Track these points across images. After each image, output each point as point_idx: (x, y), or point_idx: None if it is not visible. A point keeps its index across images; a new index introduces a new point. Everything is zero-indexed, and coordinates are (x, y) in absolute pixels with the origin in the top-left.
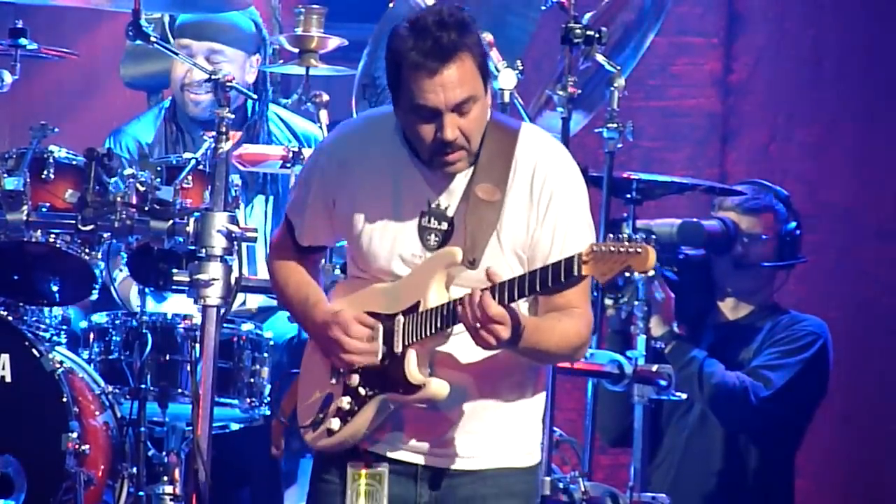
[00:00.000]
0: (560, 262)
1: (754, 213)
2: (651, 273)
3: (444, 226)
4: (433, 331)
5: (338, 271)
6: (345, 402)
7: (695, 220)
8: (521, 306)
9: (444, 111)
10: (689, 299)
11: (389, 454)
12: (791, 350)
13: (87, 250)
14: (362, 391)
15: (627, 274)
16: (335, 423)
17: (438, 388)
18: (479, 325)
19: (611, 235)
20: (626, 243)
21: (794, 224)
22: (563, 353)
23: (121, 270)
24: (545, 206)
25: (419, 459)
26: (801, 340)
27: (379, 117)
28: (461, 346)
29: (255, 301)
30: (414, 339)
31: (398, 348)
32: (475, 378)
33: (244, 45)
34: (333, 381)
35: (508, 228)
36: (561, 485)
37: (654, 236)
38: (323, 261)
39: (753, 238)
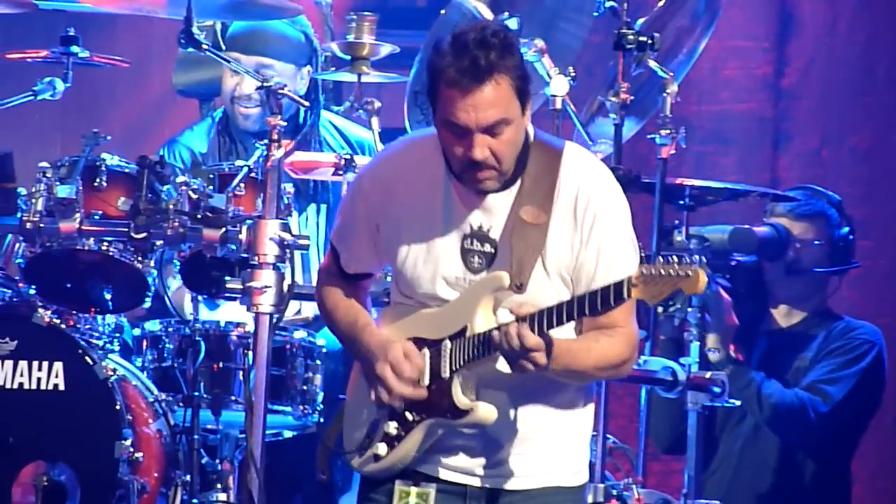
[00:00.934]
0: (609, 287)
1: (806, 218)
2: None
3: (488, 248)
4: (480, 356)
5: (389, 277)
6: (392, 427)
7: (746, 226)
8: (565, 331)
9: (475, 130)
10: (742, 306)
11: (438, 475)
12: (847, 361)
13: (139, 258)
14: (409, 416)
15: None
16: (382, 449)
17: (486, 412)
18: (516, 355)
19: (660, 258)
20: (677, 266)
21: (846, 229)
22: (601, 373)
23: (175, 279)
24: (589, 228)
25: (468, 480)
26: (856, 350)
27: (420, 140)
28: (508, 369)
29: (310, 309)
30: (461, 364)
31: (445, 373)
32: (522, 399)
33: (294, 58)
34: (380, 406)
35: (553, 251)
36: (614, 492)
37: (707, 245)
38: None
39: (806, 244)
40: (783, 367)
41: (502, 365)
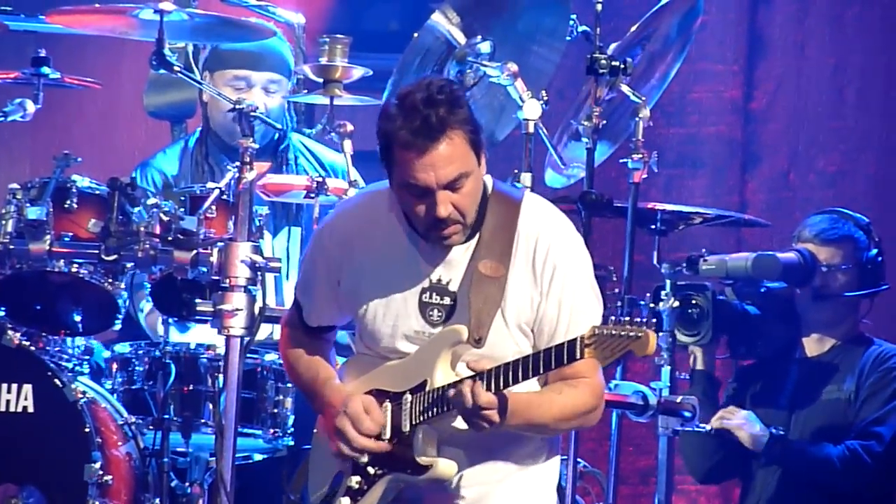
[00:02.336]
0: (563, 345)
1: (833, 242)
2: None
3: (448, 301)
4: (439, 411)
5: None
6: (354, 481)
7: (770, 252)
8: (529, 384)
9: (436, 189)
10: (774, 333)
11: None
12: (890, 394)
13: (110, 280)
14: (371, 470)
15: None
16: (345, 502)
17: (446, 468)
18: (470, 413)
19: (612, 318)
20: (627, 327)
21: (875, 251)
22: (565, 424)
23: (147, 301)
24: (549, 279)
25: None
26: (894, 382)
27: (375, 193)
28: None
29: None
30: (421, 419)
31: (406, 428)
32: (485, 454)
33: (289, 73)
34: (342, 460)
35: (513, 304)
36: None
37: (654, 319)
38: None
39: (833, 268)
40: (815, 395)
41: (462, 421)
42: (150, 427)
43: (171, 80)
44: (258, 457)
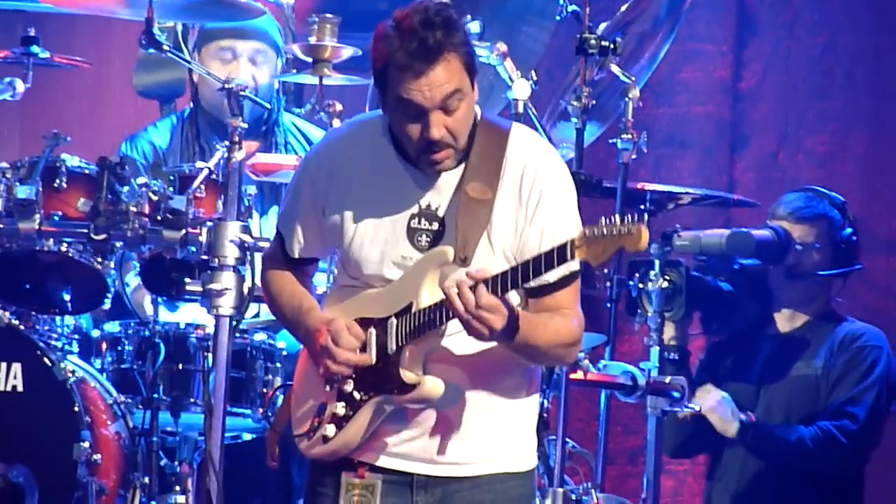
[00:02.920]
0: (553, 250)
1: (808, 221)
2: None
3: (436, 226)
4: (426, 329)
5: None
6: (339, 407)
7: (744, 229)
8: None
9: (430, 110)
10: (746, 310)
11: (384, 464)
12: (861, 374)
13: (99, 259)
14: (357, 396)
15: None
16: (330, 430)
17: (433, 386)
18: (471, 315)
19: (603, 219)
20: (618, 225)
21: (849, 230)
22: (555, 350)
23: (135, 277)
24: (534, 206)
25: (414, 468)
26: (866, 360)
27: (366, 121)
28: (455, 348)
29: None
30: (407, 339)
31: (392, 349)
32: (470, 381)
33: (277, 49)
34: (328, 388)
35: (498, 228)
36: (573, 496)
37: (647, 216)
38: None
39: (807, 247)
40: (786, 371)
41: (449, 346)
42: (140, 406)
43: (161, 59)
44: (247, 436)
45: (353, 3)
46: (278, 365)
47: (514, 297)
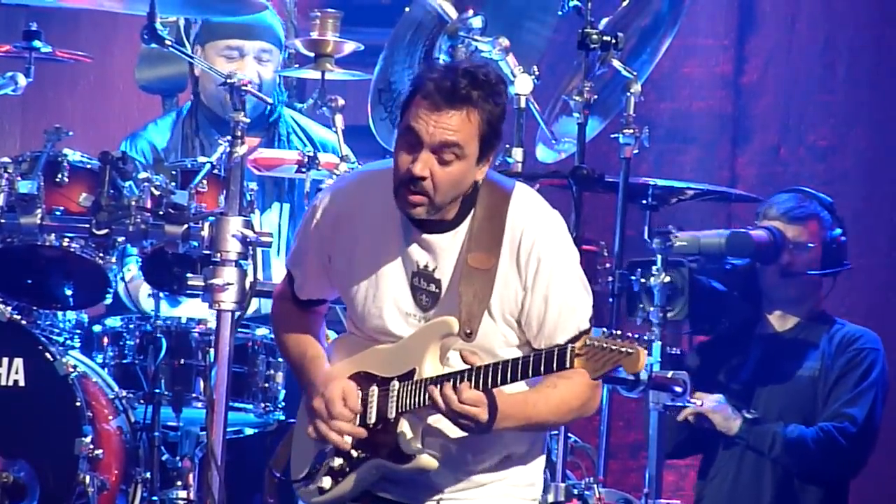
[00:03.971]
0: (553, 352)
1: (799, 221)
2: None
3: (433, 287)
4: (425, 402)
5: None
6: (337, 462)
7: (743, 230)
8: (519, 386)
9: (425, 146)
10: (737, 310)
11: (387, 496)
12: (860, 376)
13: (101, 254)
14: (354, 453)
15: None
16: (326, 482)
17: (427, 462)
18: (453, 412)
19: (604, 331)
20: (619, 342)
21: (838, 231)
22: (564, 418)
23: (129, 270)
24: (533, 273)
25: (416, 500)
26: (864, 362)
27: (375, 173)
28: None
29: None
30: (406, 409)
31: (391, 415)
32: (469, 450)
33: (280, 45)
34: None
35: (499, 297)
36: (575, 491)
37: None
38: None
39: (799, 246)
40: (778, 371)
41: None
42: (141, 401)
43: (163, 54)
44: (249, 431)
45: None
46: (280, 360)
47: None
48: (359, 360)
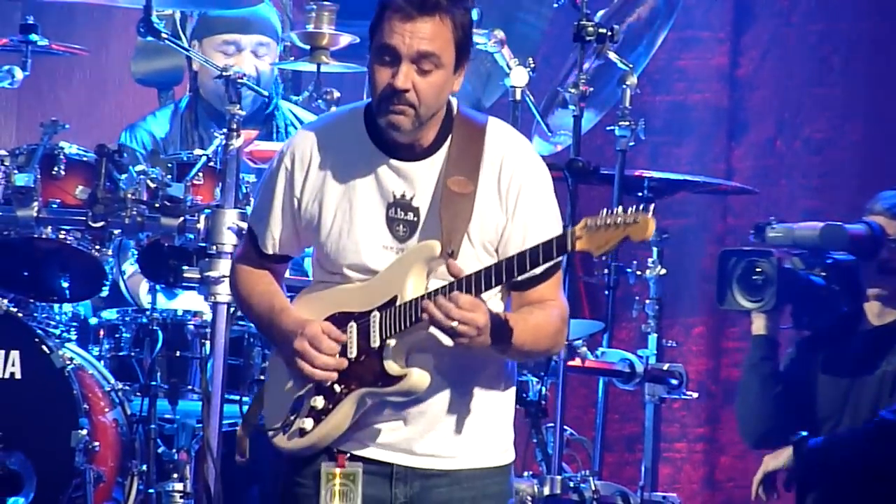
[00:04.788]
0: (551, 241)
1: None
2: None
3: (411, 216)
4: (412, 322)
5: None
6: (318, 401)
7: (838, 223)
8: (495, 305)
9: (404, 58)
10: (838, 304)
11: (362, 454)
12: None
13: (97, 247)
14: (337, 388)
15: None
16: (308, 423)
17: (420, 378)
18: (453, 319)
19: (604, 210)
20: (623, 214)
21: None
22: (539, 345)
23: (132, 265)
24: (514, 201)
25: (393, 458)
26: None
27: (338, 114)
28: (435, 342)
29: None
30: (392, 332)
31: (375, 343)
32: (449, 374)
33: (278, 38)
34: (303, 383)
35: (478, 223)
36: (571, 483)
37: (652, 206)
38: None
39: None
40: (876, 367)
41: (429, 341)
42: (137, 394)
43: (159, 47)
44: None
45: None
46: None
47: (495, 303)
48: (330, 302)
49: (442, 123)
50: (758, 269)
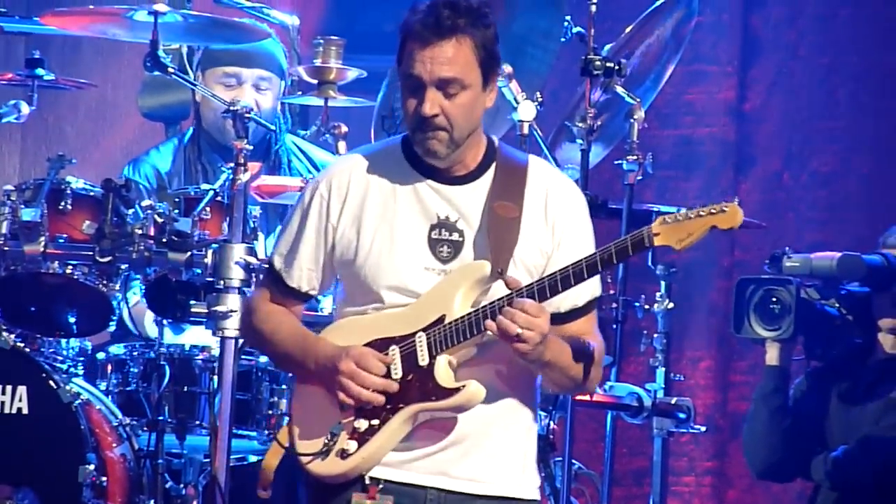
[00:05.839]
0: (625, 239)
1: None
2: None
3: (456, 236)
4: (462, 337)
5: None
6: (361, 423)
7: (856, 254)
8: None
9: (428, 85)
10: (850, 335)
11: (397, 477)
12: None
13: (104, 282)
14: (381, 410)
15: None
16: (352, 445)
17: (478, 390)
18: (520, 326)
19: (682, 208)
20: (708, 205)
21: None
22: (579, 373)
23: (133, 296)
24: (561, 231)
25: (429, 482)
26: None
27: (380, 144)
28: (479, 365)
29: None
30: (441, 350)
31: (424, 361)
32: (488, 399)
33: (281, 73)
34: (344, 407)
35: (523, 247)
36: None
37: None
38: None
39: None
40: (885, 395)
41: (469, 365)
42: (145, 428)
43: (167, 81)
44: (253, 458)
45: (358, 24)
46: (284, 387)
47: None
48: (367, 330)
49: (485, 152)
50: (774, 299)
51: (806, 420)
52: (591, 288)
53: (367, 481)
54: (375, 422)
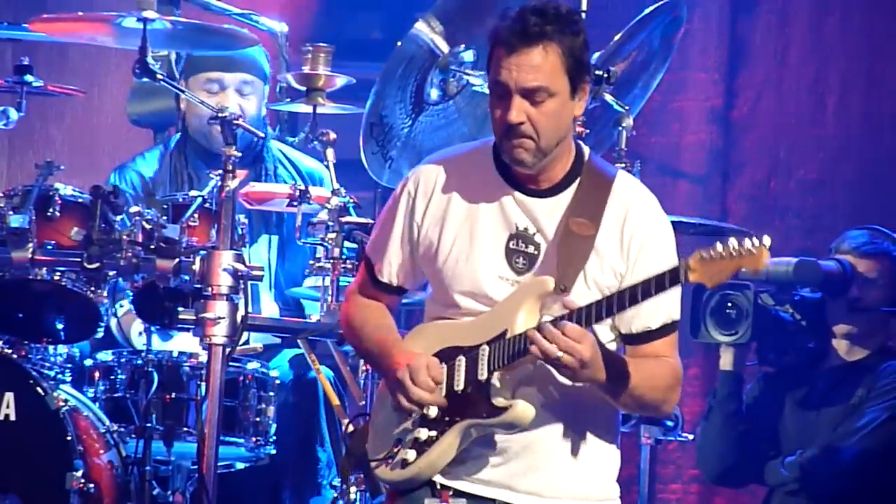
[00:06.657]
0: (664, 273)
1: (871, 256)
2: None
3: (532, 249)
4: (520, 355)
5: None
6: (422, 433)
7: (812, 259)
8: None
9: (513, 92)
10: (804, 340)
11: (464, 489)
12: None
13: (92, 288)
14: (441, 421)
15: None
16: (411, 455)
17: (524, 410)
18: (558, 347)
19: (719, 242)
20: (738, 246)
21: None
22: (652, 395)
23: (121, 306)
24: (636, 252)
25: (494, 494)
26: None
27: (472, 145)
28: (545, 378)
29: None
30: (500, 365)
31: (483, 375)
32: (557, 413)
33: (264, 77)
34: (406, 415)
35: (596, 265)
36: None
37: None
38: None
39: (869, 282)
40: (843, 400)
41: (539, 374)
42: (133, 435)
43: (155, 88)
44: (240, 465)
45: (347, 31)
46: (271, 394)
47: (605, 334)
48: (441, 337)
49: (572, 165)
50: (730, 304)
51: (759, 425)
52: (666, 310)
53: (439, 486)
54: (434, 433)
